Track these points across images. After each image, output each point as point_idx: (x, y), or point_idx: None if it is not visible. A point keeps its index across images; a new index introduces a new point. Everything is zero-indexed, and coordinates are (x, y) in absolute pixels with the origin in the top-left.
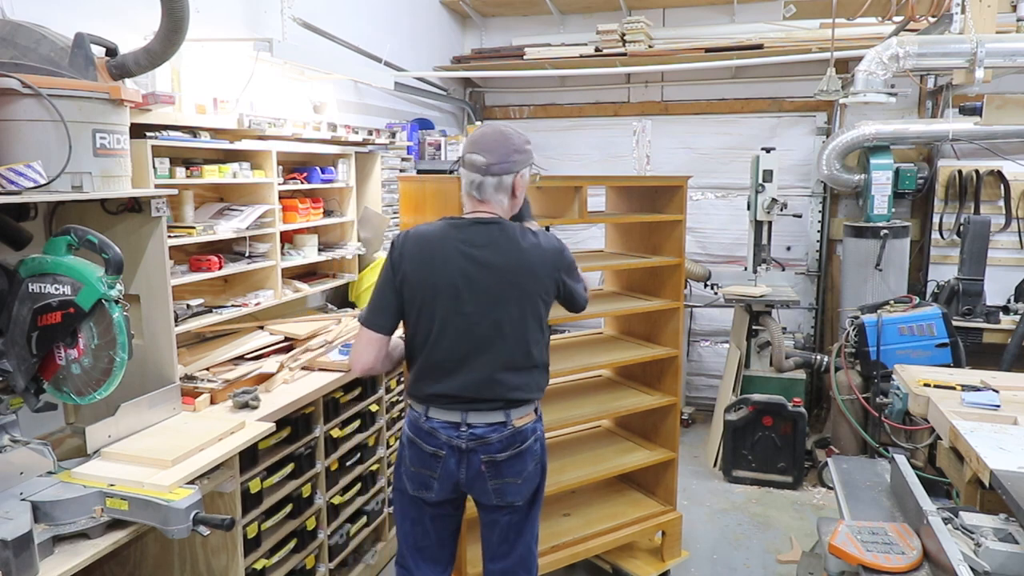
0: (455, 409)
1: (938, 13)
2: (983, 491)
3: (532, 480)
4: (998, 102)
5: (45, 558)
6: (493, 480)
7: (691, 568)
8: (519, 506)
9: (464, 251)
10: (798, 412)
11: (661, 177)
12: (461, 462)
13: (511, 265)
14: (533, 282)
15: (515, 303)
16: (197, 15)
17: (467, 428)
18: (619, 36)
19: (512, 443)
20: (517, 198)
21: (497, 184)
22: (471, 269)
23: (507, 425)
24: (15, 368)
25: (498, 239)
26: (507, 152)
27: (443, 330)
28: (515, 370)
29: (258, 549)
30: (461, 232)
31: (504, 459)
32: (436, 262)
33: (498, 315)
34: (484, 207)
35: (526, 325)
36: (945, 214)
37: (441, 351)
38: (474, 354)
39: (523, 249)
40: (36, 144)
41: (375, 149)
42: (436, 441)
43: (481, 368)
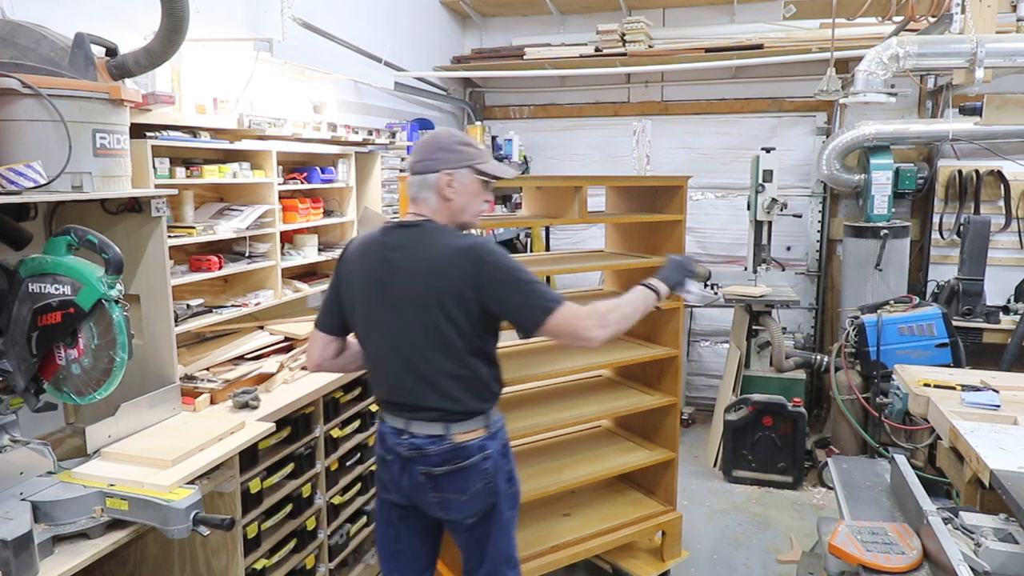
0: (400, 415)
1: (938, 13)
2: (983, 491)
3: (481, 499)
4: (998, 102)
5: (45, 558)
6: (433, 493)
7: (691, 568)
8: (469, 523)
9: (381, 254)
10: (798, 412)
11: (661, 177)
12: (404, 470)
13: (424, 268)
14: (446, 287)
15: (433, 307)
16: (197, 15)
17: (408, 437)
18: (619, 36)
19: (452, 458)
20: (450, 200)
21: (421, 182)
22: (384, 272)
23: (446, 439)
24: (15, 368)
25: (415, 241)
26: (431, 150)
27: (367, 333)
28: (448, 378)
29: (258, 549)
30: (385, 235)
31: (442, 473)
32: (359, 265)
33: (415, 320)
34: (416, 208)
35: (444, 334)
36: (945, 214)
37: (371, 355)
38: (399, 359)
39: (435, 253)
40: (36, 144)
41: (375, 149)
42: (385, 445)
43: (410, 373)
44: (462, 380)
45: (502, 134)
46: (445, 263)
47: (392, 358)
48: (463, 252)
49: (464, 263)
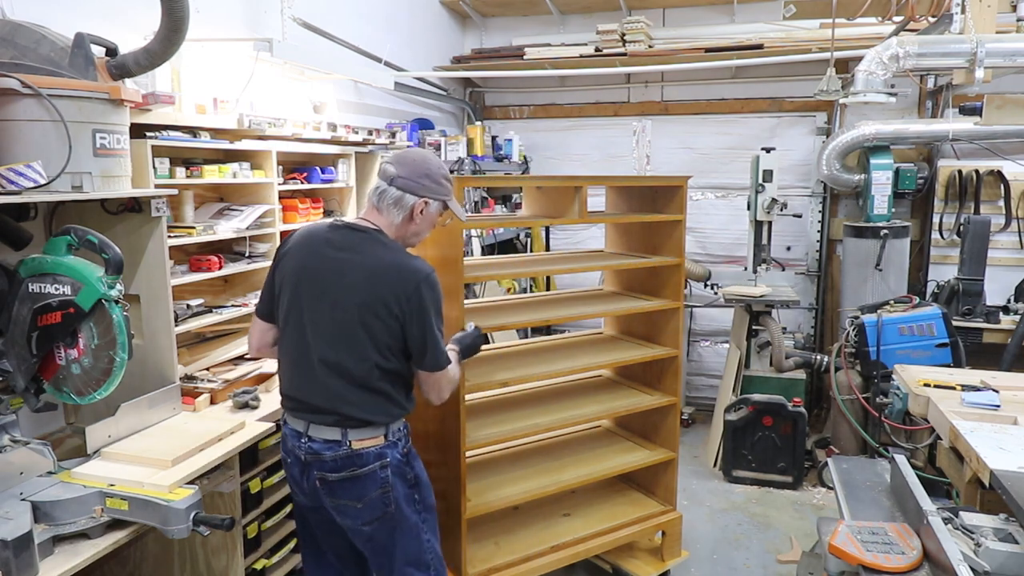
0: (300, 418)
1: (938, 13)
2: (983, 491)
3: (376, 507)
4: (998, 102)
5: (45, 558)
6: (329, 498)
7: (691, 568)
8: (366, 531)
9: (323, 250)
10: (798, 412)
11: (661, 177)
12: (303, 473)
13: (357, 272)
14: (372, 296)
15: (350, 313)
16: (197, 15)
17: (307, 440)
18: (619, 36)
19: (347, 465)
20: (414, 223)
21: (397, 199)
22: (320, 266)
23: (342, 445)
24: (15, 368)
25: (360, 246)
26: (418, 173)
27: (286, 322)
28: (354, 386)
29: (258, 549)
30: (332, 232)
31: (337, 480)
32: (298, 255)
33: (331, 321)
34: (374, 215)
35: (359, 341)
36: (945, 214)
37: (285, 345)
38: (311, 355)
39: (377, 261)
40: (36, 144)
41: (375, 149)
42: (286, 447)
43: (316, 375)
44: (369, 391)
45: (502, 134)
46: (390, 276)
47: (304, 353)
48: (411, 274)
49: (406, 283)
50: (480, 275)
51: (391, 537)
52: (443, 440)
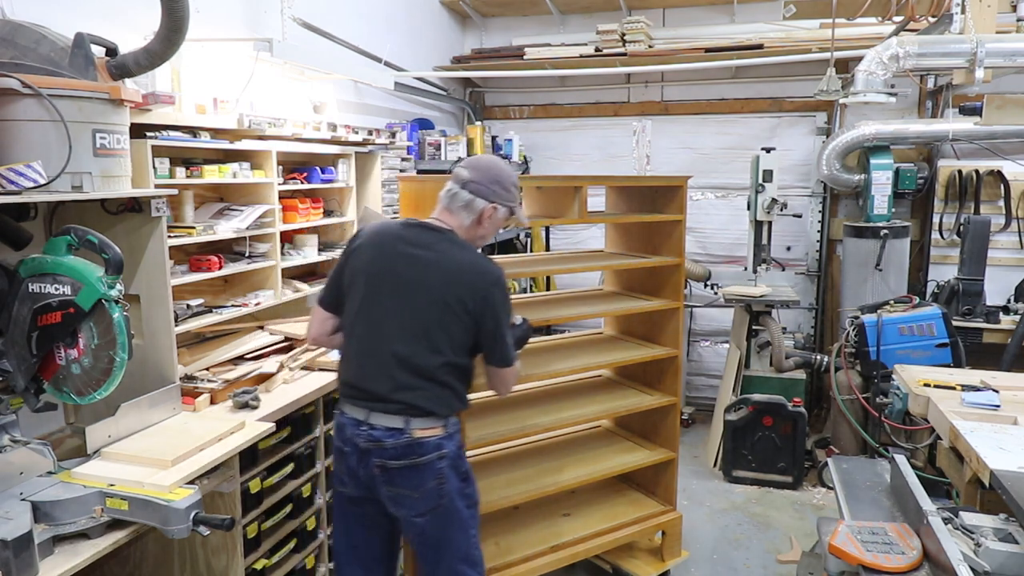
0: (361, 406)
1: (938, 13)
2: (983, 491)
3: (431, 497)
4: (998, 102)
5: (45, 558)
6: (387, 487)
7: (691, 568)
8: (419, 522)
9: (402, 248)
10: (798, 412)
11: (661, 177)
12: (360, 461)
13: (435, 270)
14: (449, 294)
15: (430, 309)
16: (197, 15)
17: (367, 428)
18: (619, 36)
19: (408, 453)
20: (483, 227)
21: (468, 202)
22: (398, 262)
23: (404, 433)
24: (15, 368)
25: (437, 246)
26: (490, 179)
27: (359, 316)
28: (423, 379)
29: (258, 549)
30: (408, 230)
31: (397, 468)
32: (375, 250)
33: (409, 315)
34: (445, 216)
35: (439, 335)
36: (945, 214)
37: (355, 337)
38: (384, 347)
39: (454, 261)
40: (36, 144)
41: (375, 149)
42: (343, 436)
43: (386, 365)
44: (436, 384)
45: (502, 134)
46: (467, 275)
47: (377, 344)
48: (486, 274)
49: (482, 283)
50: None
51: (443, 530)
52: None
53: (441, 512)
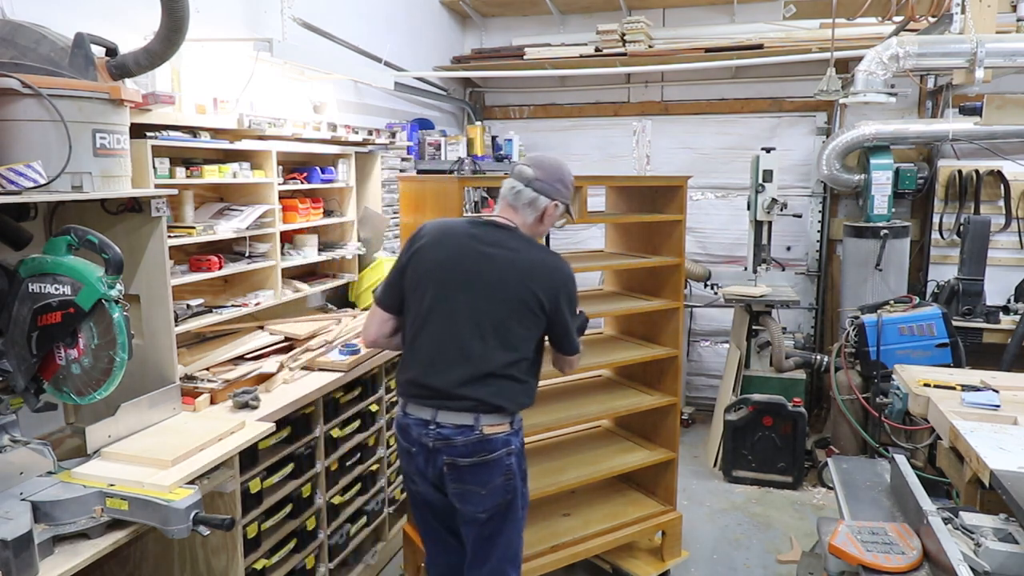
0: (427, 405)
1: (938, 13)
2: (983, 491)
3: (498, 494)
4: (998, 102)
5: (45, 558)
6: (455, 484)
7: (691, 568)
8: (482, 518)
9: (472, 245)
10: (798, 412)
11: (661, 177)
12: (428, 460)
13: (510, 268)
14: (525, 290)
15: (504, 305)
16: (197, 15)
17: (435, 427)
18: (619, 36)
19: (478, 450)
20: (543, 224)
21: (532, 200)
22: (471, 261)
23: (475, 430)
24: (15, 368)
25: (506, 241)
26: (554, 178)
27: (429, 314)
28: (493, 374)
29: (258, 549)
30: (475, 228)
31: (467, 465)
32: (442, 248)
33: (484, 312)
34: (509, 213)
35: (513, 331)
36: (945, 214)
37: (423, 336)
38: (453, 346)
39: (529, 258)
40: (36, 144)
41: (375, 149)
42: (409, 437)
43: (458, 362)
44: (508, 379)
45: (502, 134)
46: (541, 271)
47: (449, 341)
48: (557, 269)
49: (555, 278)
50: None
51: (500, 528)
52: None
53: (503, 509)
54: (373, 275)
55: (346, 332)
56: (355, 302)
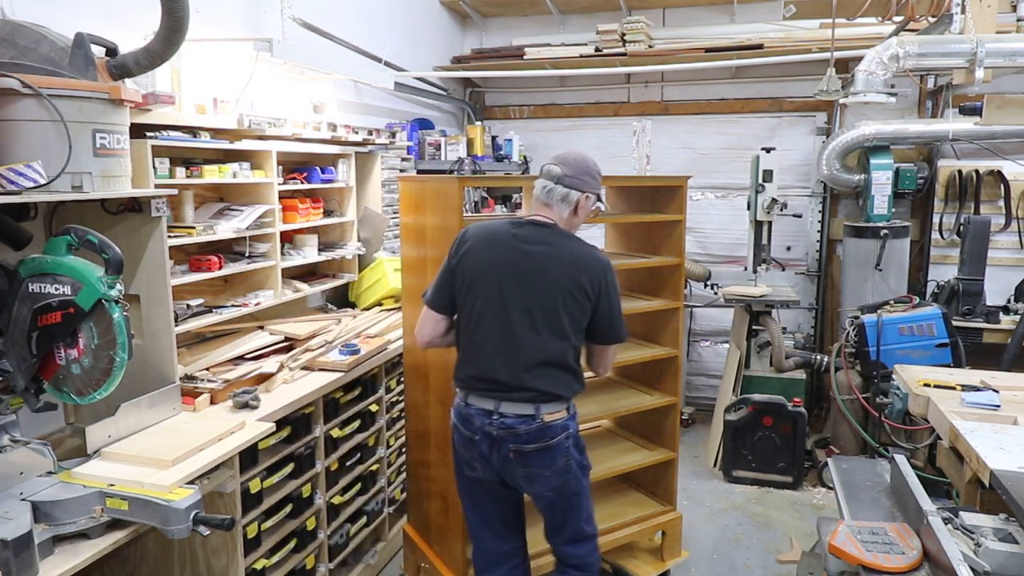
0: (490, 397)
1: (938, 13)
2: (983, 491)
3: (562, 474)
4: (998, 102)
5: (45, 558)
6: (522, 468)
7: (691, 568)
8: (550, 496)
9: (516, 244)
10: (798, 412)
11: (661, 177)
12: (493, 448)
13: (554, 262)
14: (571, 282)
15: (552, 297)
16: (197, 15)
17: (499, 417)
18: (619, 36)
19: (541, 437)
20: (577, 216)
21: (564, 195)
22: (517, 259)
23: (536, 419)
24: (15, 368)
25: (549, 239)
26: (581, 171)
27: (484, 312)
28: (547, 365)
29: (258, 549)
30: (518, 228)
31: (532, 451)
32: (489, 249)
33: (532, 306)
34: (546, 212)
35: (561, 323)
36: (945, 214)
37: (480, 334)
38: (510, 340)
39: (570, 251)
40: (36, 144)
41: (375, 149)
42: (472, 426)
43: (516, 355)
44: (562, 369)
45: (502, 134)
46: (584, 264)
47: (506, 337)
48: (598, 261)
49: (597, 267)
50: None
51: (570, 500)
52: (443, 440)
53: (568, 484)
54: (373, 275)
55: (346, 332)
56: (355, 302)
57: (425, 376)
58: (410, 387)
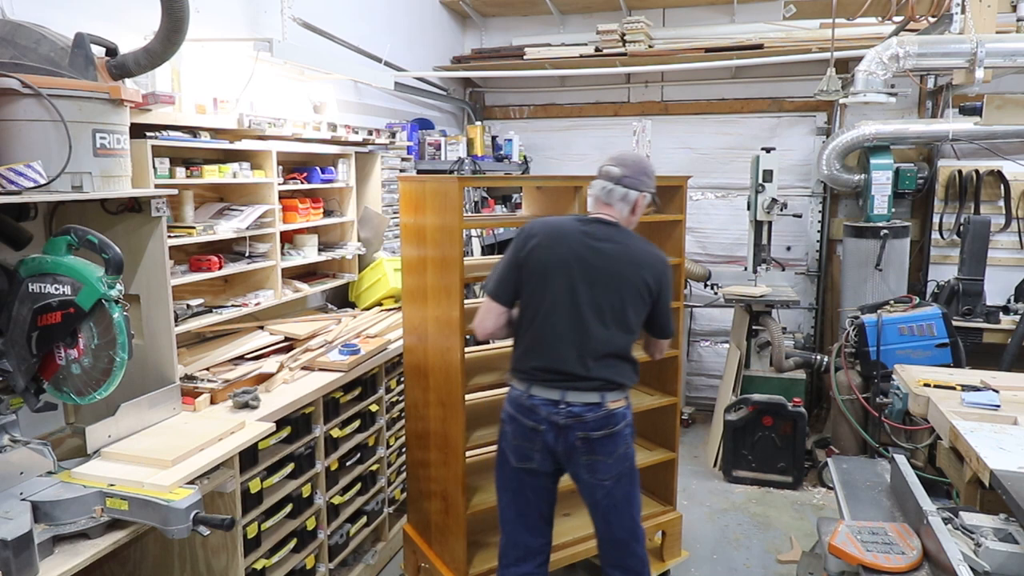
0: (555, 387)
1: (938, 13)
2: (983, 491)
3: (622, 461)
4: (998, 102)
5: (45, 558)
6: (586, 456)
7: (691, 568)
8: (608, 484)
9: (585, 240)
10: (798, 412)
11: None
12: (558, 436)
13: (622, 259)
14: (637, 279)
15: (619, 293)
16: (197, 15)
17: (565, 406)
18: (619, 36)
19: (606, 424)
20: (635, 215)
21: (623, 195)
22: (588, 255)
23: (602, 406)
24: (15, 368)
25: (614, 236)
26: (639, 172)
27: (554, 305)
28: (610, 356)
29: (258, 549)
30: (584, 225)
31: (598, 437)
32: (559, 245)
33: (600, 300)
34: (607, 210)
35: (627, 316)
36: (945, 214)
37: (549, 326)
38: (580, 333)
39: (636, 249)
40: (36, 144)
41: (375, 149)
42: (536, 417)
43: (585, 346)
44: (624, 359)
45: (502, 134)
46: (648, 261)
47: (575, 329)
48: (659, 258)
49: (659, 266)
50: (480, 275)
51: (626, 489)
52: (443, 440)
53: (626, 472)
54: (373, 275)
55: (346, 332)
56: (355, 302)
57: (425, 376)
58: (410, 387)
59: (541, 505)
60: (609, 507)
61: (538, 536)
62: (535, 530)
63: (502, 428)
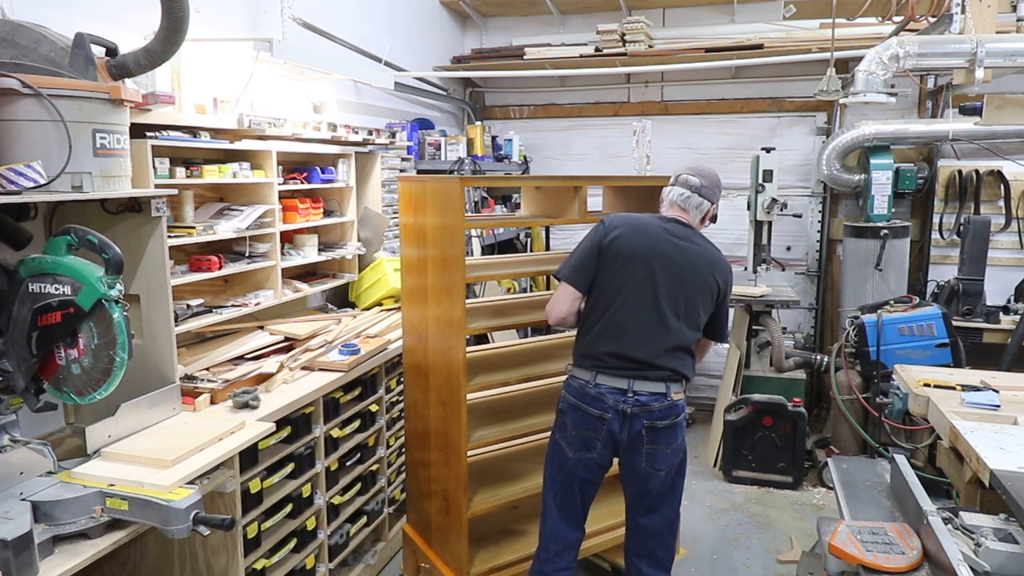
0: (623, 375)
1: (938, 13)
2: (983, 491)
3: (678, 452)
4: (998, 102)
5: (45, 558)
6: (650, 444)
7: (691, 568)
8: (662, 475)
9: (666, 236)
10: (798, 412)
11: (661, 177)
12: (624, 425)
13: (696, 258)
14: (710, 278)
15: (694, 289)
16: (197, 15)
17: (633, 395)
18: (619, 36)
19: (670, 414)
20: (703, 223)
21: (699, 204)
22: (668, 250)
23: (667, 396)
24: (15, 368)
25: (693, 237)
26: (714, 184)
27: (633, 294)
28: (679, 349)
29: (258, 549)
30: (666, 223)
31: (663, 427)
32: (642, 236)
33: (677, 294)
34: (683, 215)
35: (697, 313)
36: (945, 214)
37: (625, 313)
38: (655, 323)
39: (709, 252)
40: (36, 144)
41: (375, 149)
42: (602, 405)
43: (659, 337)
44: (688, 353)
45: (502, 134)
46: (718, 264)
47: (651, 319)
48: (727, 263)
49: (727, 270)
50: (480, 275)
51: (675, 480)
52: (444, 440)
53: (679, 464)
54: (373, 275)
55: (346, 332)
56: (355, 302)
57: (425, 376)
58: (410, 387)
59: (585, 500)
60: (659, 496)
61: (576, 530)
62: (575, 524)
63: (559, 420)
